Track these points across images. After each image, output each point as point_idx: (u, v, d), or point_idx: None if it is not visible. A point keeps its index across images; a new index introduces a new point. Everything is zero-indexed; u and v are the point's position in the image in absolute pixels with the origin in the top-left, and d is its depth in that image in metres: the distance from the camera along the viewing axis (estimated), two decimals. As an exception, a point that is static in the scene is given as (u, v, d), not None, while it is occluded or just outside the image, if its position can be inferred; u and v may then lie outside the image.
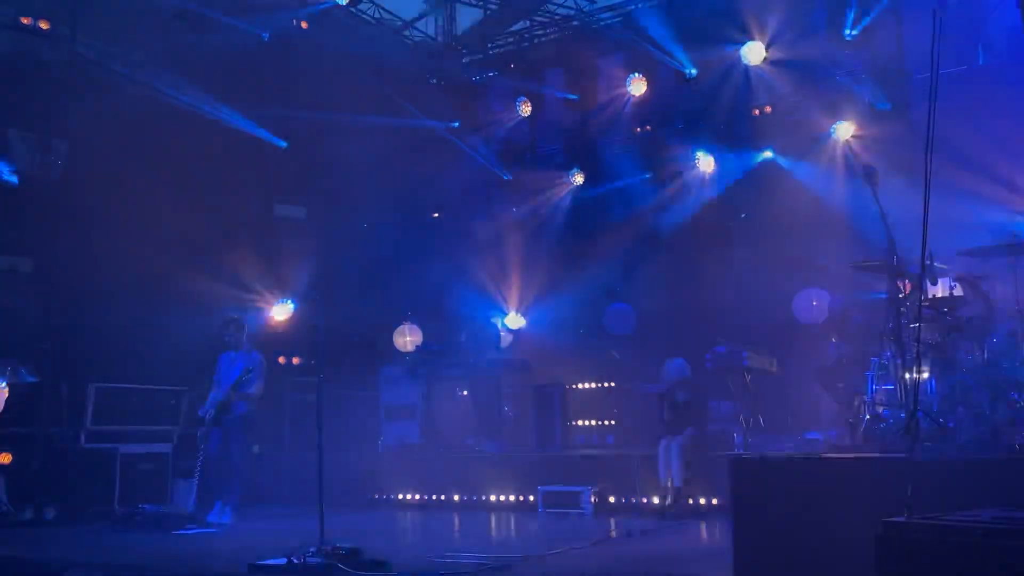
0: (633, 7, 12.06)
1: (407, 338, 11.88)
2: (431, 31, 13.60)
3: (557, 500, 8.61)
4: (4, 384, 8.40)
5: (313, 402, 6.03)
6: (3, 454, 8.54)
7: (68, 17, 9.73)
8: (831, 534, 4.59)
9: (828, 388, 8.73)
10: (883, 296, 6.47)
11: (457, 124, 12.88)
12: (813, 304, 9.84)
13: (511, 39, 13.40)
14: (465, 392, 11.00)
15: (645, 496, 8.36)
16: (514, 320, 12.33)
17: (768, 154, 11.03)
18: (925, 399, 5.82)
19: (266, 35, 10.83)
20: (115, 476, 8.78)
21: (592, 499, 8.45)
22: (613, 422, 10.82)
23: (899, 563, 3.25)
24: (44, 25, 9.58)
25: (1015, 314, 6.10)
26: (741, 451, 8.15)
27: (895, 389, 6.11)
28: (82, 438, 8.99)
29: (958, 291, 6.48)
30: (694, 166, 11.61)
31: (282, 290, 10.79)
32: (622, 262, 11.47)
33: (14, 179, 9.39)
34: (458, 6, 13.44)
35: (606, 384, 11.04)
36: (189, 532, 7.64)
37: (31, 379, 9.00)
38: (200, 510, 8.17)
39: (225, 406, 8.33)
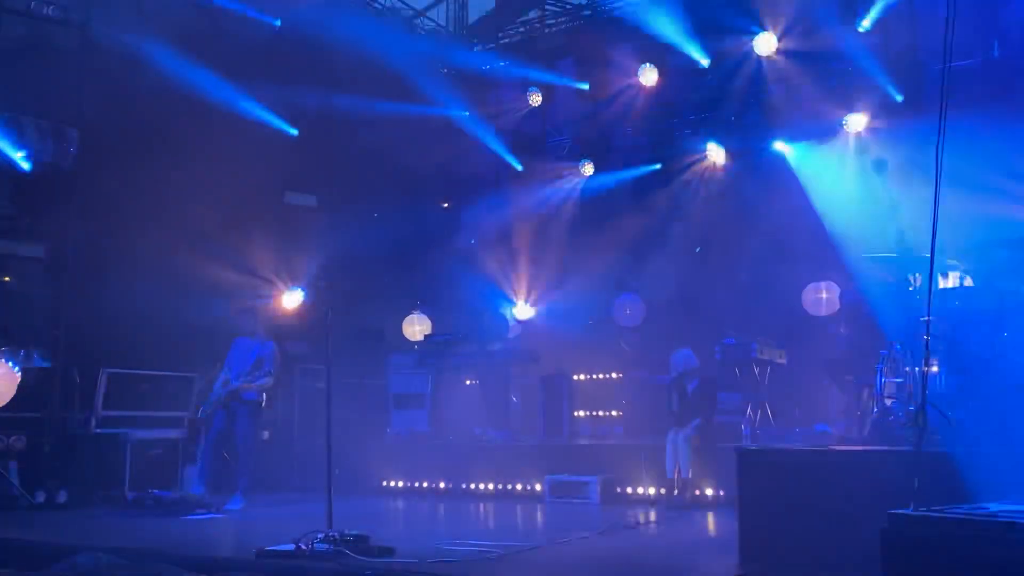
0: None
1: (416, 327, 11.91)
2: (442, 20, 13.58)
3: (564, 489, 8.63)
4: (17, 369, 8.47)
5: (322, 389, 6.05)
6: (16, 438, 8.62)
7: (82, 3, 9.75)
8: (837, 526, 4.60)
9: (837, 380, 8.73)
10: (893, 288, 6.46)
11: (468, 113, 12.87)
12: (823, 296, 9.82)
13: (522, 28, 13.37)
14: (473, 381, 11.03)
15: (652, 486, 8.38)
16: (523, 310, 12.33)
17: (779, 145, 10.98)
18: (934, 392, 5.81)
19: (278, 23, 10.84)
20: (126, 461, 8.83)
21: (599, 489, 8.48)
22: (621, 412, 10.84)
23: (905, 555, 3.25)
24: (57, 11, 9.61)
25: (1025, 308, 6.07)
26: (749, 443, 8.16)
27: (904, 382, 6.11)
28: (93, 423, 9.05)
29: (968, 283, 6.46)
30: (704, 157, 11.57)
31: (292, 278, 10.83)
32: (631, 252, 11.45)
33: (27, 166, 9.44)
34: (470, -5, 13.42)
35: (614, 374, 11.04)
36: (198, 517, 7.70)
37: (44, 364, 9.07)
38: (205, 491, 8.23)
39: (235, 392, 8.41)
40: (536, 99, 12.65)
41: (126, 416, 9.16)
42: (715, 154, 11.49)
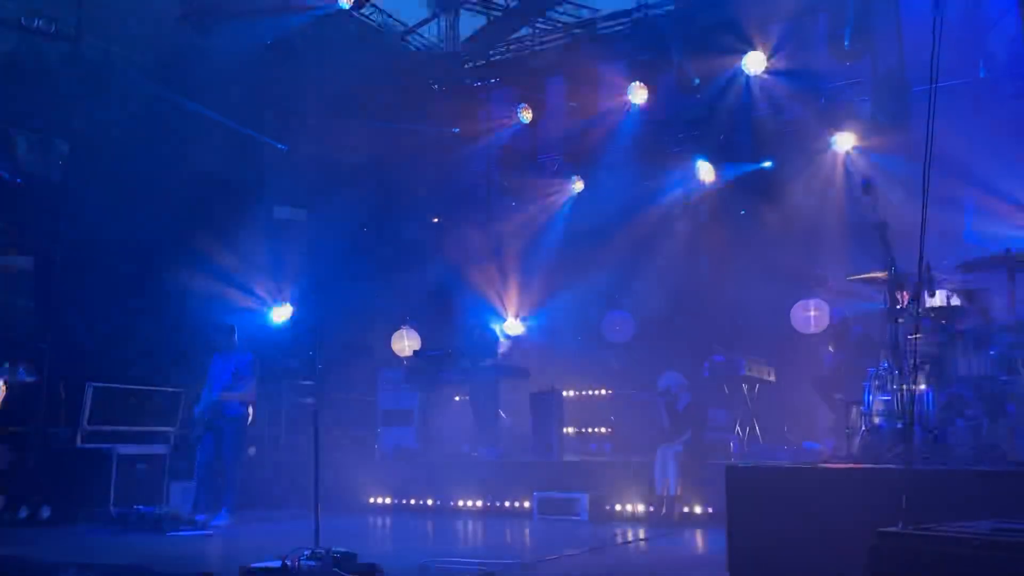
0: (635, 15, 12.10)
1: (405, 343, 11.87)
2: (434, 36, 13.64)
3: (553, 506, 8.60)
4: (1, 382, 8.39)
5: (310, 405, 6.02)
6: (-1, 453, 8.54)
7: (72, 17, 9.76)
8: (826, 544, 4.60)
9: (825, 398, 8.76)
10: (881, 307, 6.48)
11: (458, 130, 12.90)
12: (811, 314, 9.86)
13: (513, 46, 13.43)
14: (462, 398, 11.00)
15: (641, 503, 8.35)
16: (512, 326, 12.32)
17: (768, 164, 11.04)
18: (922, 411, 5.83)
19: (269, 40, 10.85)
20: (111, 477, 8.74)
21: (588, 506, 8.45)
22: (610, 429, 10.83)
23: (893, 573, 3.25)
24: (48, 25, 9.61)
25: (1012, 327, 6.11)
26: (737, 460, 8.16)
27: (892, 400, 6.12)
28: (79, 438, 8.96)
29: (956, 303, 6.49)
30: (694, 175, 11.63)
31: (281, 292, 10.80)
32: (621, 269, 11.48)
33: (16, 178, 9.39)
34: (461, 12, 13.48)
35: (604, 391, 11.04)
36: (184, 534, 7.63)
37: (29, 378, 8.98)
38: (195, 512, 8.18)
39: (217, 408, 8.36)
40: (527, 115, 12.69)
41: (112, 431, 9.08)
42: (704, 172, 11.55)
